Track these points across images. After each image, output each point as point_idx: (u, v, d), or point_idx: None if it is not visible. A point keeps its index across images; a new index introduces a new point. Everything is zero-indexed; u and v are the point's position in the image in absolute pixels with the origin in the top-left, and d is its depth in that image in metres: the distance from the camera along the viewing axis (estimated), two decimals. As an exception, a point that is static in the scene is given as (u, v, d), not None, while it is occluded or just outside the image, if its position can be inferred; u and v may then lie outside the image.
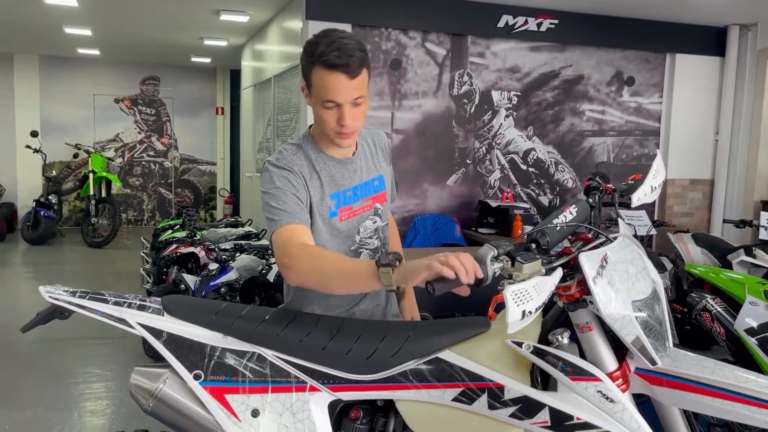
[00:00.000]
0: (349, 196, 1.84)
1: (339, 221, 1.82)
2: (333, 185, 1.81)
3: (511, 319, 1.33)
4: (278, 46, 6.40)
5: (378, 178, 1.93)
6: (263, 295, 4.71)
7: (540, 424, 1.51)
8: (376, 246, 1.91)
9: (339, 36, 1.67)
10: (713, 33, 5.99)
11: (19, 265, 7.79)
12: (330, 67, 1.63)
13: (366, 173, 1.89)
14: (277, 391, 1.67)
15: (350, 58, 1.63)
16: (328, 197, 1.79)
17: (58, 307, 1.75)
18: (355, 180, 1.85)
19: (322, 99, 1.68)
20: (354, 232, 1.86)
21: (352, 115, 1.70)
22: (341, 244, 1.84)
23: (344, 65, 1.63)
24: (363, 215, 1.87)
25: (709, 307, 3.37)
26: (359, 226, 1.87)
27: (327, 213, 1.80)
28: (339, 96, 1.67)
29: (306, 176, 1.76)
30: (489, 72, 5.54)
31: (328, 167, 1.81)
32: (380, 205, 1.92)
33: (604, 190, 1.78)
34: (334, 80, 1.65)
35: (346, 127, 1.71)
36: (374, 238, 1.91)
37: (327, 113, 1.70)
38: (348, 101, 1.68)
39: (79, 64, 10.12)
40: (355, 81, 1.66)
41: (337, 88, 1.65)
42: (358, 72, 1.66)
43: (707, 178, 6.19)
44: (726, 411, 1.47)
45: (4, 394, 3.81)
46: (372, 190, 1.90)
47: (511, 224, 5.08)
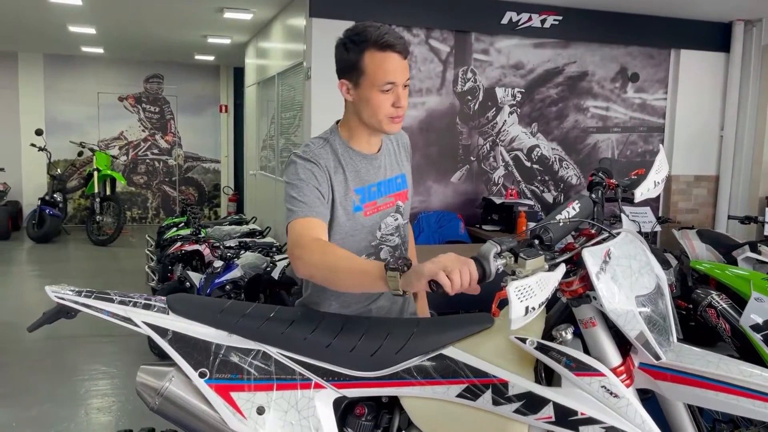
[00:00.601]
0: (374, 191, 1.85)
1: (363, 216, 1.83)
2: (358, 180, 1.82)
3: (514, 315, 1.34)
4: (282, 44, 6.41)
5: (401, 176, 1.94)
6: (268, 293, 4.72)
7: (544, 419, 1.51)
8: (396, 243, 1.93)
9: (374, 23, 1.74)
10: (718, 29, 5.96)
11: (25, 263, 7.82)
12: (386, 47, 1.68)
13: (390, 170, 1.91)
14: (282, 388, 1.68)
15: (399, 39, 1.70)
16: (353, 191, 1.80)
17: (65, 306, 1.76)
18: (379, 176, 1.87)
19: (381, 83, 1.70)
20: (376, 228, 1.87)
21: (405, 96, 1.74)
22: (363, 240, 1.85)
23: (399, 44, 1.70)
24: (386, 211, 1.89)
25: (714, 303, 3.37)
26: (381, 222, 1.88)
27: (351, 207, 1.80)
28: (396, 76, 1.70)
29: (331, 170, 1.77)
30: (493, 69, 5.54)
31: (354, 162, 1.82)
32: (402, 202, 1.94)
33: (607, 186, 1.77)
34: (392, 60, 1.69)
35: (402, 108, 1.73)
36: (395, 235, 1.92)
37: (383, 97, 1.71)
38: (402, 82, 1.72)
39: (83, 62, 10.15)
40: (405, 62, 1.71)
41: (395, 68, 1.69)
42: (407, 54, 1.72)
43: (712, 174, 6.17)
44: (730, 405, 1.47)
45: (11, 392, 3.83)
46: (395, 187, 1.92)
47: (515, 221, 5.08)
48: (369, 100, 1.73)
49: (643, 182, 1.79)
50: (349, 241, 1.80)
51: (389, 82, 1.70)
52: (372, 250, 1.87)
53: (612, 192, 1.79)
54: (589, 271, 1.49)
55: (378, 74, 1.69)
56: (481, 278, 1.43)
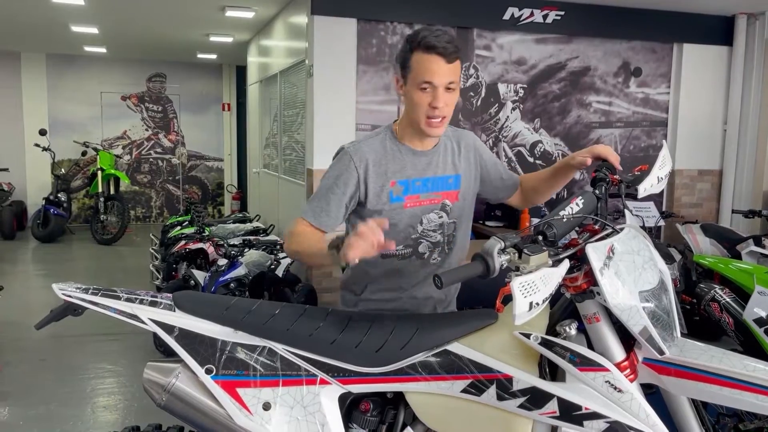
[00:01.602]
0: (418, 185, 1.92)
1: (403, 207, 1.91)
2: (403, 172, 1.91)
3: (518, 311, 1.34)
4: (284, 42, 6.41)
5: (455, 176, 1.98)
6: (272, 290, 4.73)
7: (548, 414, 1.52)
8: (438, 240, 1.97)
9: (437, 28, 1.85)
10: (720, 22, 5.94)
11: (30, 262, 7.85)
12: (429, 49, 1.77)
13: (441, 169, 1.96)
14: (288, 384, 1.69)
15: (447, 43, 1.77)
16: (395, 183, 1.90)
17: (71, 304, 1.78)
18: (427, 172, 1.94)
19: (419, 81, 1.80)
20: (416, 221, 1.93)
21: (445, 99, 1.80)
22: (403, 231, 1.92)
23: (442, 47, 1.76)
24: (428, 207, 1.94)
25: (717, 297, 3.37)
26: (423, 216, 1.94)
27: (387, 198, 1.90)
28: (435, 77, 1.78)
29: (369, 164, 1.89)
30: (495, 65, 5.53)
31: (401, 156, 1.92)
32: (450, 202, 1.97)
33: (610, 182, 1.77)
34: (432, 62, 1.77)
35: (438, 110, 1.81)
36: (438, 232, 1.96)
37: (421, 96, 1.81)
38: (442, 84, 1.79)
39: (86, 62, 10.16)
40: (450, 66, 1.78)
41: (434, 69, 1.77)
42: (454, 58, 1.79)
43: (716, 169, 6.16)
44: (734, 400, 1.48)
45: (17, 390, 3.85)
46: (444, 186, 1.96)
47: (518, 217, 5.09)
48: (411, 97, 1.83)
49: (647, 178, 1.79)
50: (392, 231, 1.86)
51: (426, 81, 1.79)
52: (411, 242, 1.94)
53: (615, 188, 1.79)
54: (592, 267, 1.49)
55: (419, 73, 1.79)
56: (485, 274, 1.44)
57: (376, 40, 5.15)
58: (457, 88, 1.84)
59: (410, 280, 1.97)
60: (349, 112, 5.08)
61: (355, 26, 5.05)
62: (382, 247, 1.55)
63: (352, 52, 5.05)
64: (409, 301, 1.99)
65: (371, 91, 5.15)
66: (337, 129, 5.05)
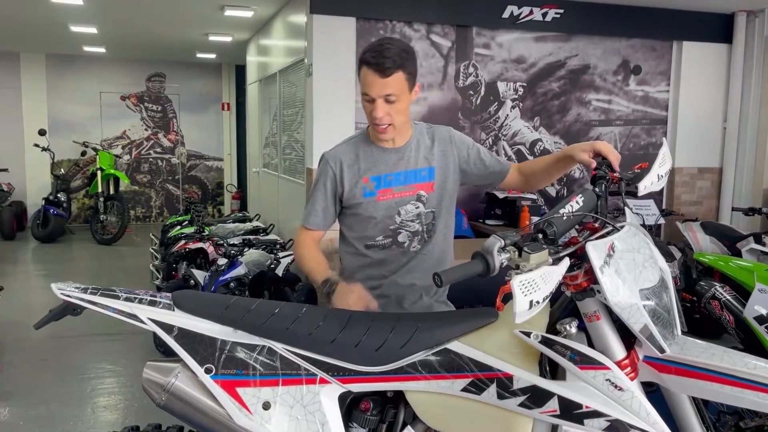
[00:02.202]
0: (390, 180, 2.07)
1: (377, 200, 2.06)
2: (375, 169, 2.08)
3: (518, 309, 1.34)
4: (283, 41, 6.41)
5: (428, 169, 2.10)
6: (272, 289, 4.73)
7: (549, 413, 1.52)
8: (416, 229, 2.10)
9: (384, 41, 1.96)
10: (720, 20, 5.94)
11: (30, 263, 7.85)
12: (366, 64, 1.93)
13: (413, 163, 2.09)
14: (288, 383, 1.69)
15: (384, 59, 1.90)
16: (368, 179, 2.07)
17: (70, 303, 1.77)
18: (399, 167, 2.08)
19: (362, 92, 1.98)
20: (393, 213, 2.08)
21: (384, 109, 1.95)
22: (381, 222, 2.08)
23: (375, 63, 1.90)
24: (403, 199, 2.08)
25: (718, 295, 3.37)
26: (399, 208, 2.08)
27: (361, 193, 2.07)
28: (372, 90, 1.94)
29: (345, 165, 2.08)
30: (494, 63, 5.53)
31: (373, 154, 2.09)
32: (425, 193, 2.09)
33: (610, 180, 1.77)
34: (369, 76, 1.93)
35: (378, 119, 1.96)
36: (416, 222, 2.09)
37: (366, 106, 1.99)
38: (379, 96, 1.93)
39: (85, 62, 10.16)
40: (386, 80, 1.91)
41: (371, 83, 1.93)
42: (390, 73, 1.91)
43: (715, 167, 6.15)
44: (735, 397, 1.47)
45: (17, 391, 3.85)
46: (417, 178, 2.09)
47: (518, 215, 5.08)
48: (363, 106, 2.03)
49: (647, 175, 1.78)
50: (371, 223, 2.08)
51: (364, 93, 1.97)
52: (390, 233, 2.09)
53: (615, 186, 1.79)
54: (592, 265, 1.49)
55: (362, 86, 1.97)
56: (485, 273, 1.44)
57: (375, 38, 5.13)
58: (400, 99, 1.95)
59: (392, 267, 2.10)
60: (349, 111, 5.08)
61: (354, 25, 5.04)
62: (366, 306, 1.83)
63: (351, 51, 5.04)
64: (392, 287, 2.10)
65: (371, 89, 5.14)
66: (336, 128, 5.04)
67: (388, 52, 1.90)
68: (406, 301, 2.13)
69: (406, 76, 1.95)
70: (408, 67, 1.95)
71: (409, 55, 1.97)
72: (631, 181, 1.79)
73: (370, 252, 2.11)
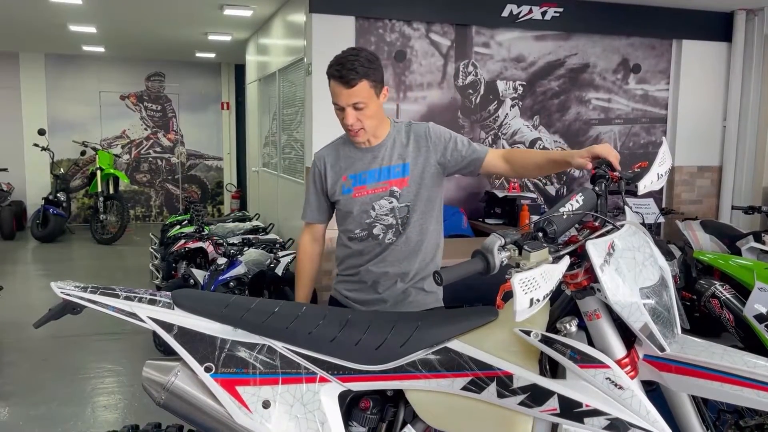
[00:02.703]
0: (365, 177, 2.22)
1: (353, 197, 2.22)
2: (352, 168, 2.23)
3: (519, 307, 1.34)
4: (282, 40, 6.40)
5: (402, 165, 2.21)
6: (272, 289, 4.73)
7: (549, 411, 1.52)
8: (390, 223, 2.21)
9: (349, 53, 2.09)
10: (720, 18, 5.93)
11: (30, 262, 7.85)
12: (332, 77, 2.08)
13: (387, 160, 2.22)
14: (288, 382, 1.69)
15: (348, 72, 2.04)
16: (347, 178, 2.23)
17: (70, 302, 1.77)
18: (373, 165, 2.22)
19: (333, 102, 2.13)
20: (368, 208, 2.21)
21: (354, 116, 2.10)
22: (358, 217, 2.23)
23: (338, 75, 2.05)
24: (377, 195, 2.21)
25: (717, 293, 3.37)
26: (373, 203, 2.21)
27: (340, 191, 2.24)
28: (339, 99, 2.09)
29: (328, 165, 2.28)
30: (494, 62, 5.52)
31: (351, 154, 2.25)
32: (398, 188, 2.20)
33: (610, 179, 1.77)
34: (335, 87, 2.09)
35: (349, 126, 2.12)
36: (390, 216, 2.21)
37: (338, 113, 2.15)
38: (347, 104, 2.08)
39: (84, 61, 10.15)
40: (351, 90, 2.05)
41: (337, 93, 2.09)
42: (354, 84, 2.05)
43: (715, 165, 6.15)
44: (735, 396, 1.47)
45: (18, 390, 3.85)
46: (391, 175, 2.21)
47: (518, 214, 5.08)
48: (335, 113, 2.17)
49: (647, 175, 1.78)
50: (349, 218, 2.25)
51: (335, 103, 2.13)
52: (365, 226, 2.23)
53: (615, 185, 1.78)
54: (593, 263, 1.49)
55: (332, 96, 2.12)
56: (485, 271, 1.44)
57: (375, 37, 5.14)
58: (368, 105, 2.10)
59: (367, 257, 2.25)
60: (348, 110, 5.07)
61: (354, 24, 5.04)
62: None
63: (350, 50, 5.03)
64: (367, 274, 2.24)
65: (370, 89, 5.14)
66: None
67: (351, 64, 2.04)
68: (380, 287, 2.25)
69: (370, 84, 2.08)
70: (372, 75, 2.08)
71: (373, 64, 2.09)
72: (631, 180, 1.79)
73: (351, 243, 2.28)
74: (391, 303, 2.23)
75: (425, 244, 2.25)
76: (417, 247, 2.23)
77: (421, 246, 2.24)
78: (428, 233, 2.26)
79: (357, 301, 2.27)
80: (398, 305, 2.23)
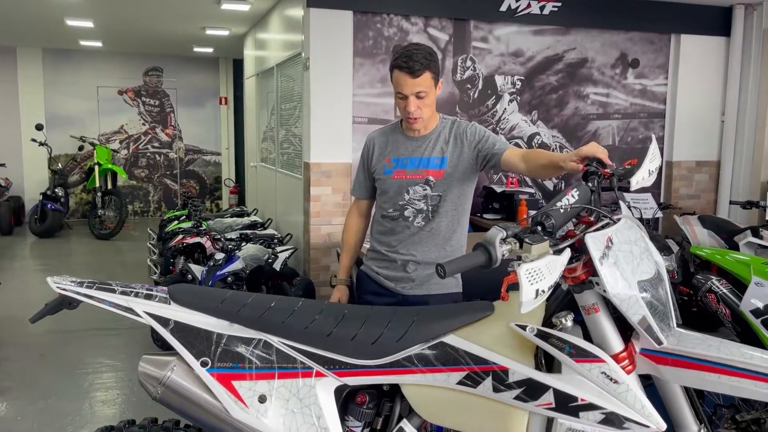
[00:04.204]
0: (406, 162, 2.40)
1: (392, 178, 2.41)
2: (396, 152, 2.43)
3: (525, 298, 1.34)
4: (280, 35, 6.39)
5: (441, 158, 2.37)
6: (270, 284, 4.73)
7: (544, 406, 1.52)
8: (421, 208, 2.38)
9: (412, 47, 2.28)
10: (718, 13, 5.92)
11: (28, 258, 7.85)
12: (398, 68, 2.25)
13: (429, 151, 2.39)
14: (284, 377, 1.69)
15: (413, 62, 2.22)
16: (390, 159, 2.43)
17: (66, 297, 1.77)
18: (416, 153, 2.40)
19: (396, 91, 2.30)
20: (403, 191, 2.39)
21: (416, 104, 2.28)
22: (392, 198, 2.42)
23: (407, 67, 2.23)
24: (413, 180, 2.38)
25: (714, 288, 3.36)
26: (408, 187, 2.38)
27: (382, 170, 2.45)
28: (404, 89, 2.26)
29: (376, 145, 2.49)
30: (492, 56, 5.51)
31: (398, 140, 2.45)
32: (434, 178, 2.37)
33: (602, 175, 1.77)
34: (401, 77, 2.26)
35: (411, 113, 2.30)
36: (422, 202, 2.38)
37: (400, 102, 2.32)
38: (411, 93, 2.26)
39: (82, 56, 10.12)
40: (416, 79, 2.23)
41: (403, 83, 2.26)
42: (419, 74, 2.23)
43: (713, 160, 6.15)
44: (733, 387, 1.48)
45: (15, 385, 3.86)
46: (430, 165, 2.38)
47: (516, 209, 5.08)
48: (396, 102, 2.36)
49: (639, 171, 1.79)
50: (385, 196, 2.45)
51: (398, 92, 2.29)
52: (398, 207, 2.40)
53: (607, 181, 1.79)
54: (592, 256, 1.49)
55: (395, 86, 2.31)
56: (487, 264, 1.43)
57: (373, 32, 5.13)
58: (428, 94, 2.28)
59: (398, 237, 2.42)
60: (346, 105, 5.07)
61: (351, 18, 5.03)
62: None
63: (348, 44, 5.03)
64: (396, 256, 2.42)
65: (368, 83, 5.13)
66: (333, 122, 5.03)
67: (416, 56, 2.23)
68: (409, 268, 2.41)
69: (432, 75, 2.27)
70: (433, 68, 2.27)
71: (434, 57, 2.29)
72: (623, 177, 1.79)
73: (384, 221, 2.47)
74: (418, 282, 2.40)
75: (456, 236, 2.42)
76: (447, 236, 2.40)
77: (451, 236, 2.41)
78: (458, 225, 2.43)
79: (387, 277, 2.45)
80: (424, 285, 2.40)
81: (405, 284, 2.41)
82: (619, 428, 1.49)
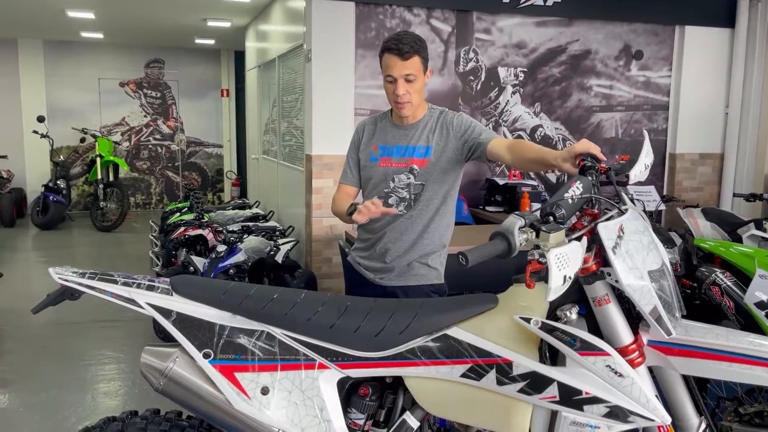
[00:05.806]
0: (392, 150, 2.42)
1: (378, 166, 2.43)
2: (384, 140, 2.45)
3: (554, 284, 1.35)
4: (282, 26, 6.36)
5: (426, 147, 2.38)
6: (272, 276, 4.73)
7: (548, 399, 1.51)
8: (404, 196, 2.39)
9: (401, 32, 2.33)
10: (723, 4, 5.88)
11: (30, 250, 7.85)
12: (388, 50, 2.27)
13: (415, 140, 2.40)
14: (287, 369, 1.68)
15: (404, 45, 2.24)
16: (377, 147, 2.45)
17: (68, 288, 1.76)
18: (402, 141, 2.41)
19: (385, 75, 2.31)
20: (388, 179, 2.40)
21: (405, 87, 2.28)
22: (378, 185, 2.42)
23: (396, 48, 2.25)
24: (398, 168, 2.39)
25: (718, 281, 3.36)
26: (394, 175, 2.39)
27: (368, 157, 2.46)
28: (393, 71, 2.27)
29: (366, 132, 2.51)
30: (495, 48, 5.48)
31: (386, 128, 2.47)
32: (418, 167, 2.37)
33: (598, 170, 1.77)
34: (390, 59, 2.27)
35: (400, 96, 2.29)
36: (405, 190, 2.39)
37: (388, 86, 2.33)
38: (400, 76, 2.27)
39: (83, 48, 10.10)
40: (405, 62, 2.25)
41: (392, 65, 2.27)
42: (409, 56, 2.25)
43: (717, 152, 6.12)
44: (744, 375, 1.47)
45: (18, 378, 3.86)
46: (415, 153, 2.39)
47: (518, 202, 5.06)
48: (384, 87, 2.37)
49: (636, 165, 1.79)
50: (370, 184, 2.45)
51: (387, 75, 2.30)
52: (382, 195, 2.39)
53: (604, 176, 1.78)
54: (604, 246, 1.49)
55: (384, 69, 2.31)
56: (507, 252, 1.42)
57: (375, 23, 5.10)
58: (417, 78, 2.29)
59: (381, 224, 2.42)
60: (348, 97, 5.04)
61: (354, 10, 5.00)
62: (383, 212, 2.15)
63: (350, 36, 5.00)
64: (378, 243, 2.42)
65: (370, 75, 5.11)
66: (335, 114, 5.01)
67: (405, 39, 2.26)
68: (388, 257, 2.41)
69: (421, 60, 2.29)
70: (422, 53, 2.30)
71: (423, 43, 2.32)
72: (619, 171, 1.79)
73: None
74: (396, 272, 2.40)
75: (434, 223, 2.41)
76: (427, 223, 2.40)
77: (430, 223, 2.40)
78: (438, 213, 2.41)
79: (367, 268, 2.47)
80: (402, 276, 2.40)
81: (383, 275, 2.42)
82: (624, 422, 1.48)
